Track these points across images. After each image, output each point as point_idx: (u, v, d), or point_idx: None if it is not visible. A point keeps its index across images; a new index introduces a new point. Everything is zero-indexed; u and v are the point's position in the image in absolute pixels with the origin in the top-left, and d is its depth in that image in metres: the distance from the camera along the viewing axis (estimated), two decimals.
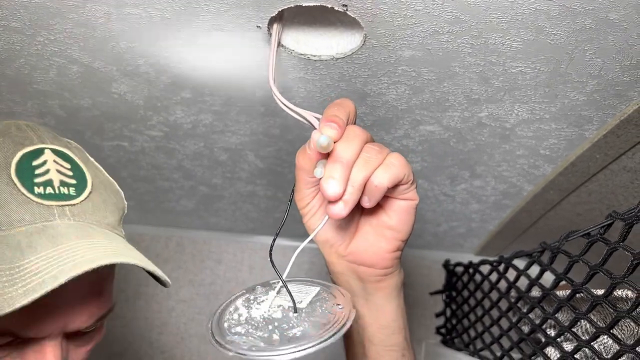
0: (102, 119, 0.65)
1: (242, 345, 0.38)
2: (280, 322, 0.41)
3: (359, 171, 0.41)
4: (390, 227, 0.48)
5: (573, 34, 0.43)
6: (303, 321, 0.41)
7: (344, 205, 0.41)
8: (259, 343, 0.38)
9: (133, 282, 1.05)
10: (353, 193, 0.41)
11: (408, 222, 0.48)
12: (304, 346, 0.37)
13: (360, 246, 0.49)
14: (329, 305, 0.43)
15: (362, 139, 0.42)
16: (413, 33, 0.45)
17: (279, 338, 0.39)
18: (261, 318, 0.42)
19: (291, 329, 0.40)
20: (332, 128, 0.41)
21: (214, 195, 0.87)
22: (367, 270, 0.49)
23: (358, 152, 0.42)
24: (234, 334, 0.40)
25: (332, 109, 0.42)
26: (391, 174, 0.42)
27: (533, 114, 0.56)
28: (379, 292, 0.50)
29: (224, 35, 0.47)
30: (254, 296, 0.45)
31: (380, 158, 0.42)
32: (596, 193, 0.68)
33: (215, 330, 0.40)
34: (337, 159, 0.41)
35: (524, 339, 0.62)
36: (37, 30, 0.48)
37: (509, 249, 0.93)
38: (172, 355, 1.03)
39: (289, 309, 0.43)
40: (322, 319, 0.41)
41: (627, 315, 0.44)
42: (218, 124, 0.65)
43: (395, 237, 0.48)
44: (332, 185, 0.40)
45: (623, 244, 0.46)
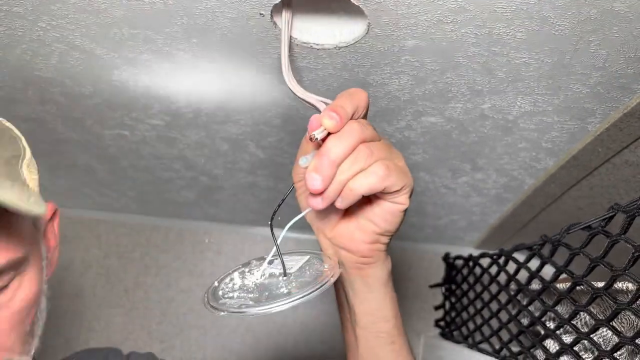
0: (103, 107, 0.65)
1: (234, 305, 0.41)
2: (270, 285, 0.44)
3: (343, 172, 0.41)
4: (372, 220, 0.48)
5: (578, 24, 0.43)
6: (291, 282, 0.43)
7: (321, 200, 0.42)
8: (248, 302, 0.41)
9: (132, 272, 1.05)
10: (333, 191, 0.41)
11: (392, 222, 0.47)
12: (289, 299, 0.40)
13: (342, 232, 0.50)
14: (316, 267, 0.46)
15: (357, 137, 0.41)
16: (417, 22, 0.44)
17: (267, 297, 0.42)
18: (253, 284, 0.45)
19: (280, 289, 0.42)
20: (331, 118, 0.40)
21: (214, 186, 0.87)
22: (347, 255, 0.50)
23: (349, 151, 0.41)
24: (227, 299, 0.43)
25: (341, 99, 0.42)
26: (368, 183, 0.42)
27: (536, 106, 0.56)
28: (360, 279, 0.51)
29: (226, 22, 0.47)
30: (249, 268, 0.48)
31: (366, 163, 0.42)
32: (598, 187, 0.67)
33: (210, 297, 0.43)
34: (325, 153, 0.40)
35: (523, 332, 0.62)
36: (39, 15, 0.48)
37: (510, 243, 0.93)
38: (171, 345, 1.03)
39: (279, 274, 0.45)
40: (309, 279, 0.43)
41: (627, 308, 0.44)
42: (219, 113, 0.65)
43: (375, 230, 0.48)
44: (315, 179, 0.40)
45: (624, 236, 0.45)
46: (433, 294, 1.04)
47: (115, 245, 1.06)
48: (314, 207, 0.42)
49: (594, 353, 0.51)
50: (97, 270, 1.05)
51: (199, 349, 1.03)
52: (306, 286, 0.42)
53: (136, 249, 1.06)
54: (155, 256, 1.06)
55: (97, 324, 1.03)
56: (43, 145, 0.78)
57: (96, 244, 1.06)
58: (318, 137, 0.40)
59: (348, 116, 0.41)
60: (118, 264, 1.06)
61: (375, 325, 0.53)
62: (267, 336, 1.04)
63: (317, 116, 0.41)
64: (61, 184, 0.94)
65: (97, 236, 1.06)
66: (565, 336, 0.59)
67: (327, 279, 0.42)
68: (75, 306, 1.04)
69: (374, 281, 0.51)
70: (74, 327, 1.03)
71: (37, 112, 0.68)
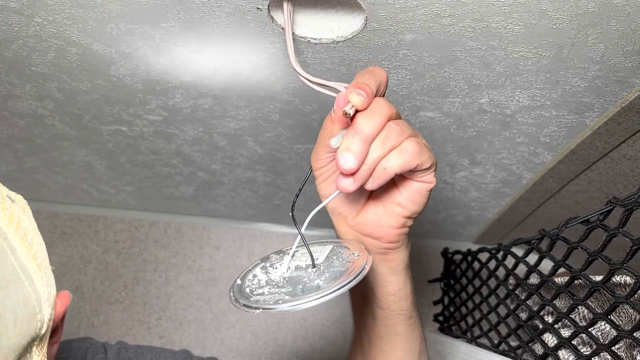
0: (100, 103, 0.65)
1: (269, 301, 0.38)
2: (301, 278, 0.41)
3: (375, 150, 0.40)
4: (400, 203, 0.47)
5: (576, 18, 0.43)
6: (323, 273, 0.41)
7: (353, 181, 0.40)
8: (284, 297, 0.38)
9: (131, 268, 1.05)
10: (365, 171, 0.40)
11: (419, 203, 0.47)
12: (329, 290, 0.37)
13: (368, 218, 0.48)
14: (345, 256, 0.44)
15: (387, 114, 0.40)
16: (415, 16, 0.44)
17: (302, 290, 0.39)
18: (281, 278, 0.42)
19: (313, 281, 0.40)
20: (359, 95, 0.39)
21: (213, 181, 0.87)
22: (373, 242, 0.49)
23: (380, 128, 0.40)
24: (257, 295, 0.40)
25: (363, 76, 0.40)
26: (402, 161, 0.40)
27: (534, 100, 0.56)
28: (385, 264, 0.51)
29: (222, 17, 0.47)
30: (270, 263, 0.46)
31: (398, 140, 0.40)
32: (596, 181, 0.67)
33: (237, 295, 0.40)
34: (358, 131, 0.39)
35: (521, 326, 0.62)
36: (35, 10, 0.48)
37: (508, 237, 0.94)
38: (170, 340, 1.03)
39: (307, 266, 0.43)
40: (341, 268, 0.41)
41: (625, 301, 0.44)
42: (217, 108, 0.64)
43: (403, 214, 0.47)
44: (348, 158, 0.38)
45: (622, 230, 0.45)
46: (432, 288, 1.04)
47: (114, 241, 1.06)
48: (344, 190, 0.40)
49: (592, 347, 0.51)
50: (96, 266, 1.05)
51: (198, 344, 1.03)
52: (341, 276, 0.40)
53: (135, 244, 1.06)
54: (154, 252, 1.06)
55: (96, 320, 1.03)
56: (41, 141, 0.78)
57: (95, 239, 1.06)
58: (351, 113, 0.39)
59: (374, 93, 0.40)
60: (117, 260, 1.06)
61: (396, 304, 0.53)
62: (266, 332, 1.04)
63: (343, 94, 0.40)
64: (59, 180, 0.94)
65: (95, 232, 1.06)
66: (563, 330, 0.59)
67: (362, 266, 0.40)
68: (74, 302, 1.04)
69: (397, 264, 0.51)
70: (73, 323, 1.03)
71: (34, 108, 0.67)
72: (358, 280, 0.39)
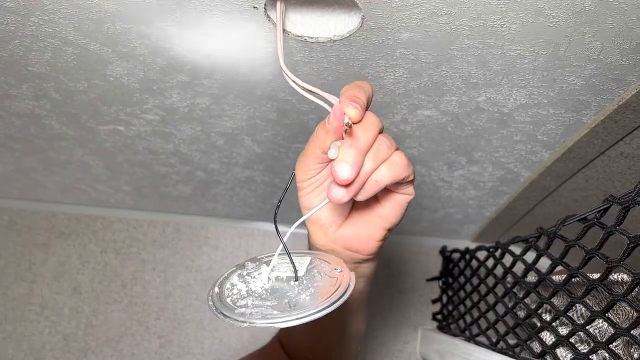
0: (97, 103, 0.65)
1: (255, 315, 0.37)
2: (285, 291, 0.41)
3: (369, 162, 0.41)
4: (381, 216, 0.48)
5: (572, 16, 0.43)
6: (307, 287, 0.41)
7: (346, 192, 0.40)
8: (272, 311, 0.38)
9: (130, 267, 1.05)
10: (359, 182, 0.41)
11: (399, 214, 0.48)
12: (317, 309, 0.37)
13: (349, 231, 0.49)
14: (326, 270, 0.44)
15: (378, 127, 0.41)
16: (411, 14, 0.44)
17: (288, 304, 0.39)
18: (263, 290, 0.41)
19: (299, 295, 0.40)
20: (356, 108, 0.40)
21: (211, 180, 0.87)
22: (350, 255, 0.50)
23: (372, 141, 0.41)
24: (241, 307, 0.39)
25: (354, 90, 0.41)
26: (393, 173, 0.42)
27: (531, 98, 0.56)
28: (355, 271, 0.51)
29: (219, 16, 0.46)
30: (247, 271, 0.44)
31: (388, 153, 0.42)
32: (593, 179, 0.67)
33: (219, 305, 0.39)
34: (355, 143, 0.40)
35: (519, 324, 0.62)
36: (32, 10, 0.47)
37: (506, 235, 0.94)
38: (169, 340, 1.03)
39: (288, 278, 0.43)
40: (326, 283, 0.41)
41: (623, 299, 0.44)
42: (215, 107, 0.64)
43: (383, 226, 0.48)
44: (346, 169, 0.39)
45: (620, 228, 0.46)
46: (430, 287, 1.05)
47: (112, 241, 1.06)
48: (337, 200, 0.40)
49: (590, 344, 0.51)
50: (94, 266, 1.05)
51: (197, 344, 1.03)
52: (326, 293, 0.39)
53: (133, 244, 1.06)
54: (153, 251, 1.06)
55: (94, 320, 1.03)
56: (38, 141, 0.78)
57: (93, 239, 1.06)
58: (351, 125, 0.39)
59: (365, 107, 0.41)
60: (115, 260, 1.06)
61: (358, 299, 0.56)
62: (265, 331, 1.04)
63: (340, 106, 0.40)
64: (57, 180, 0.93)
65: (93, 232, 1.06)
66: (561, 328, 0.59)
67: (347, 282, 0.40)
68: (72, 302, 1.04)
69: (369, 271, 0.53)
70: (71, 323, 1.03)
71: (31, 108, 0.67)
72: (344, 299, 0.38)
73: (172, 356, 1.03)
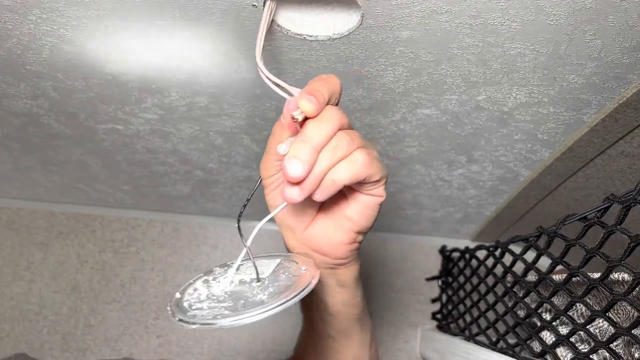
0: (96, 101, 0.64)
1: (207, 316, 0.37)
2: (243, 293, 0.40)
3: (324, 159, 0.38)
4: (349, 218, 0.45)
5: (573, 14, 0.42)
6: (267, 288, 0.40)
7: (299, 192, 0.38)
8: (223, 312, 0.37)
9: (129, 267, 1.05)
10: (313, 181, 0.38)
11: (369, 217, 0.45)
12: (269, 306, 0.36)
13: (317, 233, 0.47)
14: (292, 270, 0.43)
15: (337, 122, 0.39)
16: (411, 12, 0.44)
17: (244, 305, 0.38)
18: (223, 293, 0.41)
19: (256, 296, 0.39)
20: (310, 101, 0.37)
21: (209, 179, 0.87)
22: (321, 258, 0.48)
23: (330, 137, 0.38)
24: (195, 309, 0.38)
25: (316, 83, 0.39)
26: (351, 172, 0.39)
27: (531, 97, 0.56)
28: (333, 277, 0.50)
29: (218, 14, 0.46)
30: (213, 277, 0.44)
31: (348, 150, 0.39)
32: (593, 178, 0.67)
33: (175, 309, 0.39)
34: (307, 138, 0.37)
35: (519, 324, 0.62)
36: (29, 8, 0.47)
37: (506, 235, 0.94)
38: (168, 340, 1.03)
39: (252, 280, 0.42)
40: (287, 282, 0.40)
41: (623, 298, 0.44)
42: (214, 106, 0.64)
43: (352, 229, 0.46)
44: (296, 166, 0.37)
45: (620, 227, 0.45)
46: (430, 286, 1.04)
47: (110, 241, 1.06)
48: (290, 200, 0.39)
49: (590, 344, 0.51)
50: (93, 266, 1.05)
51: (196, 343, 1.03)
52: (285, 291, 0.38)
53: (132, 243, 1.06)
54: (151, 251, 1.05)
55: (93, 319, 1.03)
56: (36, 140, 0.77)
57: (92, 239, 1.06)
58: (299, 118, 0.37)
59: (325, 101, 0.39)
60: (114, 259, 1.05)
61: (346, 312, 0.53)
62: (264, 330, 1.04)
63: (294, 99, 0.39)
64: (55, 180, 0.93)
65: (92, 231, 1.06)
66: (561, 327, 0.59)
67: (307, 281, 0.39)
68: (71, 302, 1.03)
69: (346, 279, 0.50)
70: (70, 323, 1.03)
71: (29, 107, 0.67)
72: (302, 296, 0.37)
73: (171, 355, 1.03)
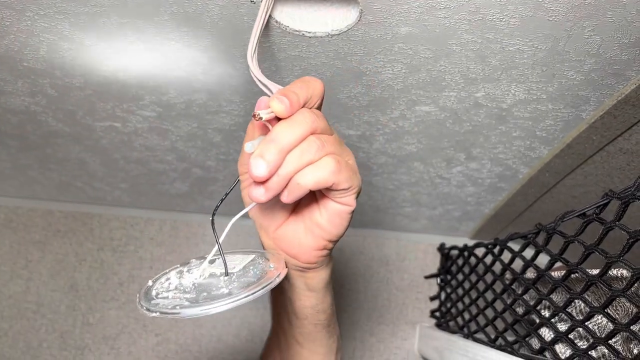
0: (93, 99, 0.64)
1: (167, 305, 0.38)
2: (209, 285, 0.41)
3: (291, 161, 0.38)
4: (319, 224, 0.45)
5: (572, 9, 0.42)
6: (233, 282, 0.40)
7: (264, 192, 0.38)
8: (184, 303, 0.38)
9: (127, 265, 1.05)
10: (278, 182, 0.38)
11: (339, 226, 0.45)
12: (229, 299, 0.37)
13: (287, 235, 0.47)
14: (262, 267, 0.43)
15: (309, 126, 0.39)
16: (410, 8, 0.44)
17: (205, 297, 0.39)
18: (191, 284, 0.41)
19: (220, 289, 0.39)
20: (281, 102, 0.37)
21: (208, 177, 0.87)
22: (289, 259, 0.48)
23: (299, 140, 0.38)
24: (160, 299, 0.39)
25: (294, 84, 0.39)
26: (317, 177, 0.39)
27: (530, 94, 0.56)
28: (302, 280, 0.50)
29: (216, 10, 0.46)
30: (188, 268, 0.45)
31: (316, 155, 0.39)
32: (592, 175, 0.67)
33: (141, 297, 0.40)
34: (274, 139, 0.37)
35: (518, 321, 0.62)
36: (26, 5, 0.47)
37: (505, 232, 0.94)
38: (166, 338, 1.03)
39: (221, 274, 0.42)
40: (253, 279, 0.41)
41: (622, 294, 0.44)
42: (212, 104, 0.64)
43: (322, 236, 0.46)
44: (260, 165, 0.37)
45: (619, 223, 0.45)
46: (428, 284, 1.04)
47: (109, 239, 1.06)
48: (256, 200, 0.39)
49: (589, 340, 0.51)
50: (91, 264, 1.05)
51: (194, 342, 1.02)
52: (249, 286, 0.39)
53: (130, 242, 1.06)
54: (150, 249, 1.05)
55: (91, 318, 1.03)
56: (34, 138, 0.77)
57: (90, 237, 1.06)
58: (263, 117, 0.38)
59: (299, 103, 0.39)
60: (112, 258, 1.05)
61: (313, 316, 0.53)
62: (262, 329, 1.04)
63: (266, 98, 0.39)
64: (53, 178, 0.93)
65: (90, 230, 1.06)
66: (560, 324, 0.59)
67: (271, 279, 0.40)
68: (69, 300, 1.03)
69: (315, 283, 0.50)
70: (68, 321, 1.03)
71: (27, 104, 0.67)
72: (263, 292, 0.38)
73: (169, 354, 1.02)
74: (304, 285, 0.51)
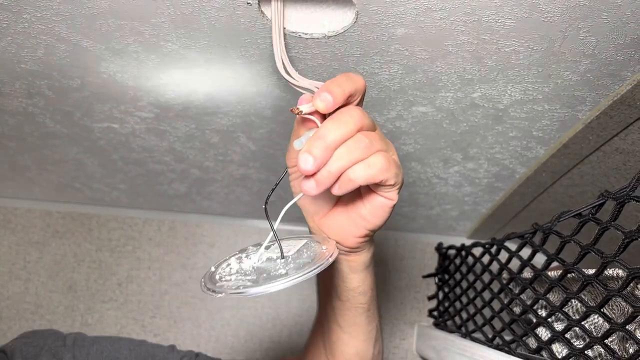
0: (91, 100, 0.64)
1: (232, 287, 0.41)
2: (268, 268, 0.44)
3: (339, 159, 0.40)
4: (362, 216, 0.48)
5: (567, 11, 0.43)
6: (289, 264, 0.43)
7: (315, 185, 0.40)
8: (246, 283, 0.41)
9: (125, 265, 1.05)
10: (328, 177, 0.40)
11: (381, 217, 0.48)
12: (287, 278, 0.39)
13: (332, 223, 0.50)
14: (314, 249, 0.46)
15: (356, 124, 0.40)
16: (406, 10, 0.44)
17: (265, 278, 0.41)
18: (251, 268, 0.45)
19: (278, 271, 0.42)
20: (323, 100, 0.39)
21: (206, 178, 0.87)
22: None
23: (346, 137, 0.40)
24: (224, 281, 0.43)
25: (337, 80, 0.40)
26: (368, 174, 0.41)
27: (526, 94, 0.56)
28: (345, 263, 0.54)
29: (213, 12, 0.46)
30: (246, 254, 0.48)
31: (365, 153, 0.40)
32: (588, 175, 0.68)
33: (207, 281, 0.43)
34: (321, 136, 0.39)
35: (515, 320, 0.62)
36: (23, 7, 0.47)
37: (502, 232, 0.94)
38: (165, 338, 1.03)
39: (278, 258, 0.45)
40: (307, 260, 0.44)
41: (618, 294, 0.44)
42: (209, 105, 0.64)
43: (365, 226, 0.49)
44: (307, 160, 0.39)
45: (615, 223, 0.46)
46: (426, 284, 1.05)
47: (107, 239, 1.06)
48: (306, 192, 0.41)
49: (585, 340, 0.51)
50: (90, 265, 1.05)
51: (192, 342, 1.03)
52: (304, 267, 0.42)
53: (128, 242, 1.06)
54: (148, 249, 1.05)
55: (90, 318, 1.03)
56: (32, 140, 0.77)
57: (88, 238, 1.06)
58: (303, 111, 0.39)
59: (342, 99, 0.40)
60: (110, 258, 1.05)
61: (355, 298, 0.57)
62: (261, 329, 1.04)
63: (308, 95, 0.40)
64: (52, 179, 0.93)
65: (89, 230, 1.06)
66: (556, 324, 0.59)
67: (325, 259, 0.42)
68: (68, 300, 1.03)
69: (357, 265, 0.54)
70: (67, 322, 1.03)
71: (24, 105, 0.67)
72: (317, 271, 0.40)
73: None
74: (347, 268, 0.54)
